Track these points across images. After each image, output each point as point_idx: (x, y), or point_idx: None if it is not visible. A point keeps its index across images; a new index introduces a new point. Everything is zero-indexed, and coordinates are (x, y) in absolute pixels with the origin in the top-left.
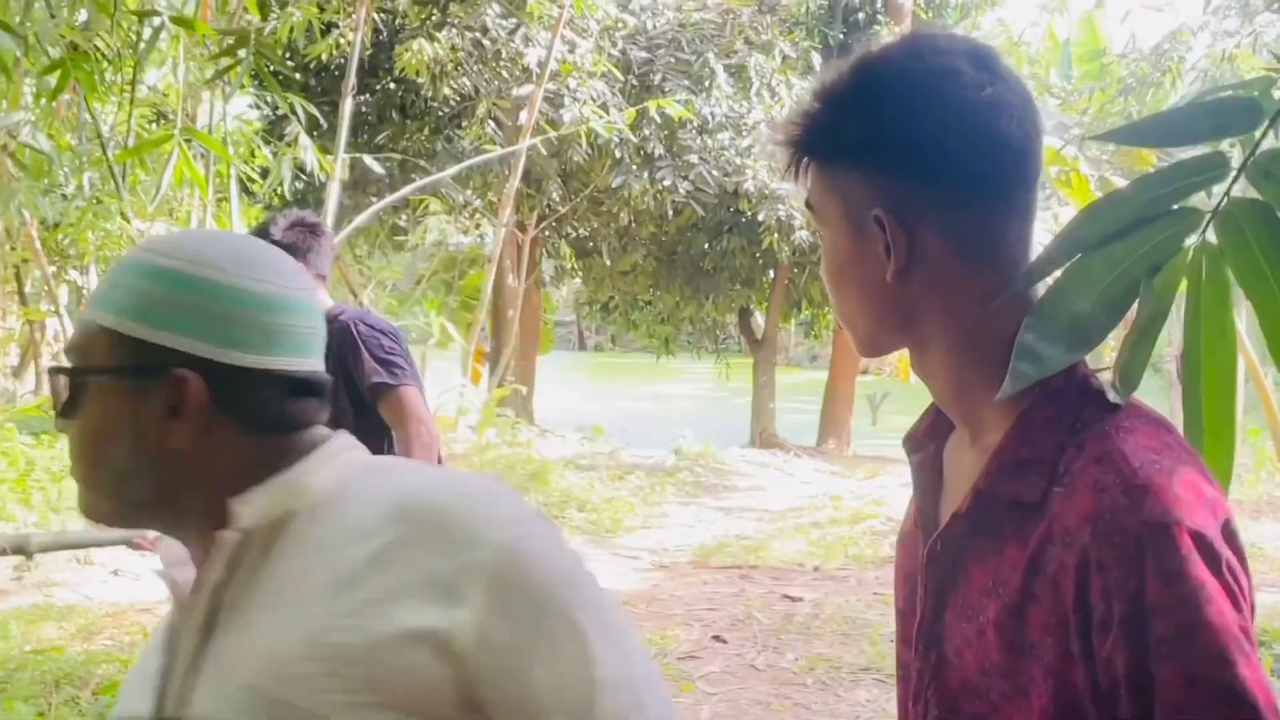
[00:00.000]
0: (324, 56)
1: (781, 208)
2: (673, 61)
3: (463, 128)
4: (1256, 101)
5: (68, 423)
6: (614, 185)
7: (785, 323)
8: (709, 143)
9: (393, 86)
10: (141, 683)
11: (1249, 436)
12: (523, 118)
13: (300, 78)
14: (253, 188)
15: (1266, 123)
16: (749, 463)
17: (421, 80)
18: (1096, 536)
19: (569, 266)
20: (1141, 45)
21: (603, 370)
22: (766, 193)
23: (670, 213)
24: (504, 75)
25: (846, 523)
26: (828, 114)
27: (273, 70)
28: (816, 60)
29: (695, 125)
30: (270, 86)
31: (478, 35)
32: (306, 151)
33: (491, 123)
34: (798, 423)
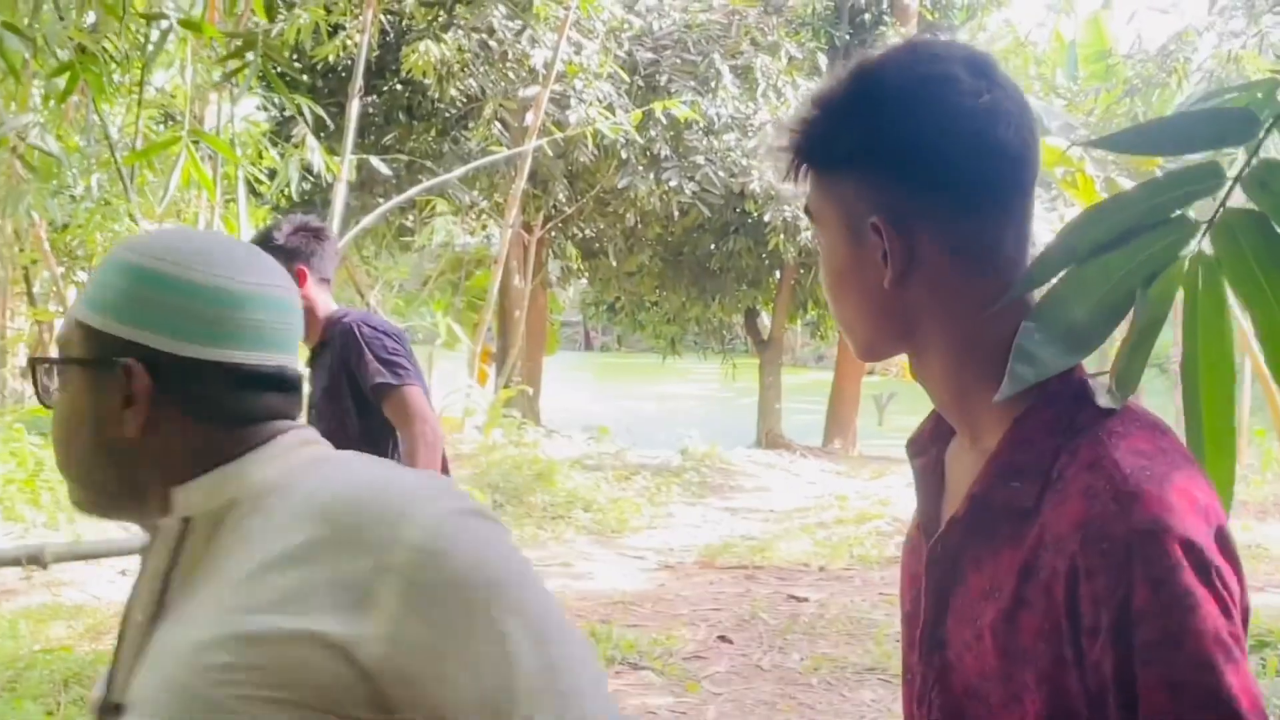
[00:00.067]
0: (331, 58)
1: (787, 208)
2: (679, 62)
3: (469, 129)
4: (1253, 112)
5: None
6: (620, 186)
7: (791, 323)
8: (715, 144)
9: (399, 88)
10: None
11: (1255, 437)
12: (529, 119)
13: (307, 79)
14: (260, 189)
15: (1262, 133)
16: (755, 463)
17: (428, 81)
18: (1085, 543)
19: (575, 267)
20: (1148, 46)
21: (608, 371)
22: (772, 194)
23: (676, 213)
24: (510, 76)
25: (852, 523)
26: (825, 121)
27: (280, 72)
28: (822, 61)
29: (701, 126)
30: (277, 88)
31: (484, 36)
32: (314, 153)
33: (498, 124)
34: (804, 423)
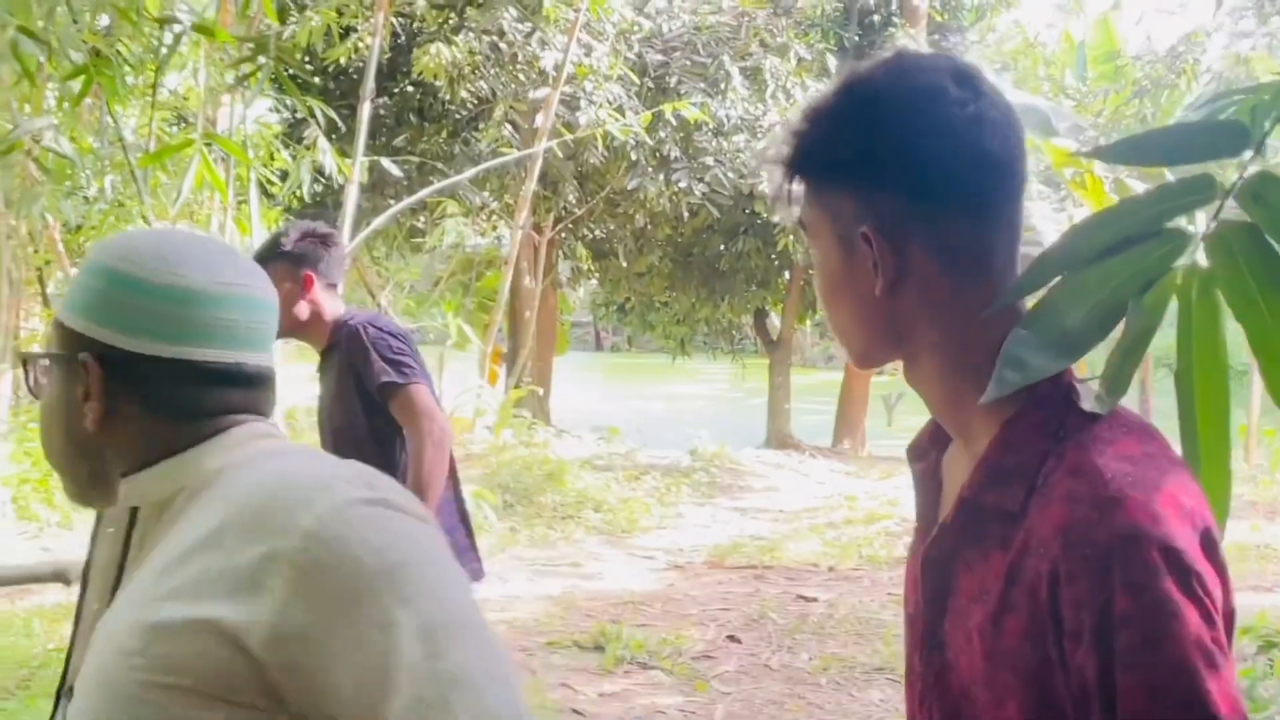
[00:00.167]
0: (342, 60)
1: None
2: (688, 64)
3: (480, 130)
4: (1245, 125)
5: None
6: (630, 187)
7: (800, 324)
8: (724, 145)
9: (410, 90)
10: None
11: (1265, 438)
12: (539, 120)
13: (319, 81)
14: (272, 190)
15: (1255, 146)
16: (764, 463)
17: (439, 84)
18: (1067, 548)
19: (585, 268)
20: (1157, 47)
21: (618, 371)
22: None
23: (686, 214)
24: (521, 78)
25: (861, 523)
26: (815, 133)
27: (292, 74)
28: (831, 62)
29: (711, 128)
30: (289, 91)
31: (495, 39)
32: (325, 154)
33: (508, 125)
34: (813, 423)
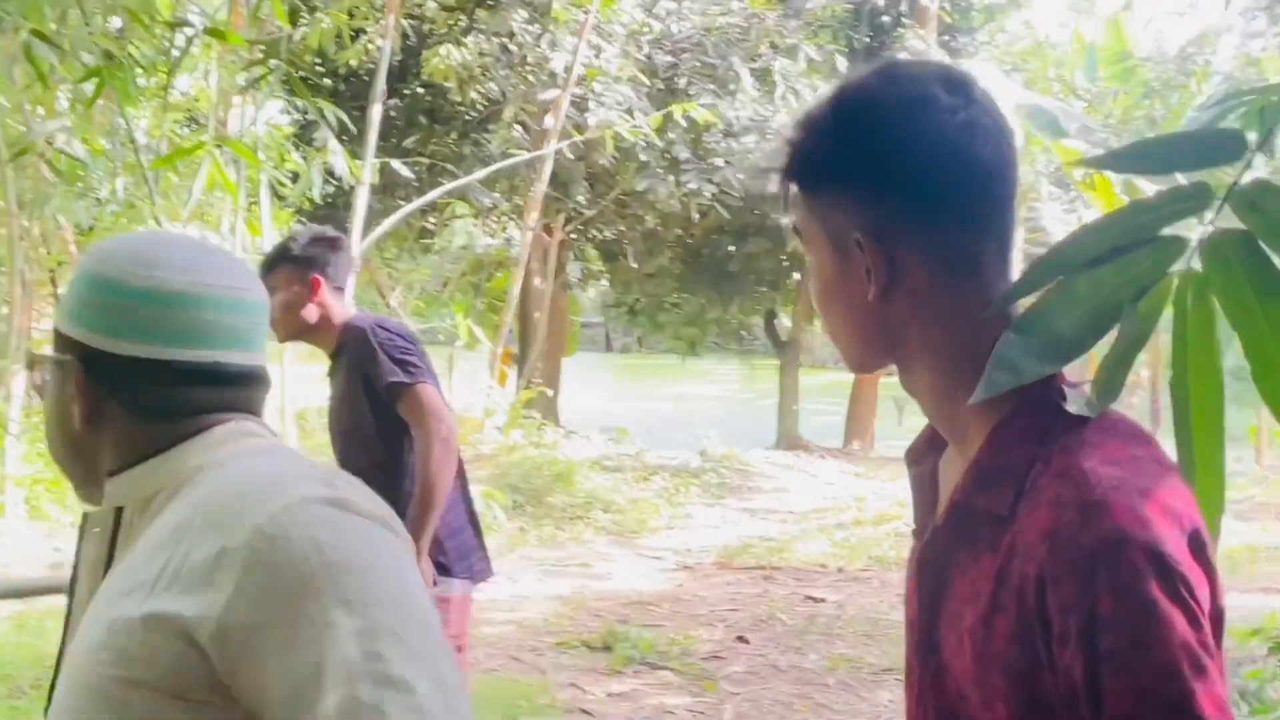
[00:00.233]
0: (353, 62)
1: None
2: (698, 65)
3: (490, 132)
4: (1240, 133)
5: None
6: (640, 189)
7: (810, 324)
8: (734, 146)
9: (421, 91)
10: None
11: (1276, 440)
12: (549, 122)
13: (330, 83)
14: (283, 192)
15: (1249, 154)
16: (773, 464)
17: (449, 85)
18: (1052, 552)
19: (595, 269)
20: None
21: (628, 372)
22: None
23: (696, 216)
24: (530, 80)
25: (870, 524)
26: (809, 142)
27: (303, 76)
28: (841, 64)
29: (720, 129)
30: (300, 93)
31: (505, 41)
32: (336, 156)
33: (518, 127)
34: (823, 424)
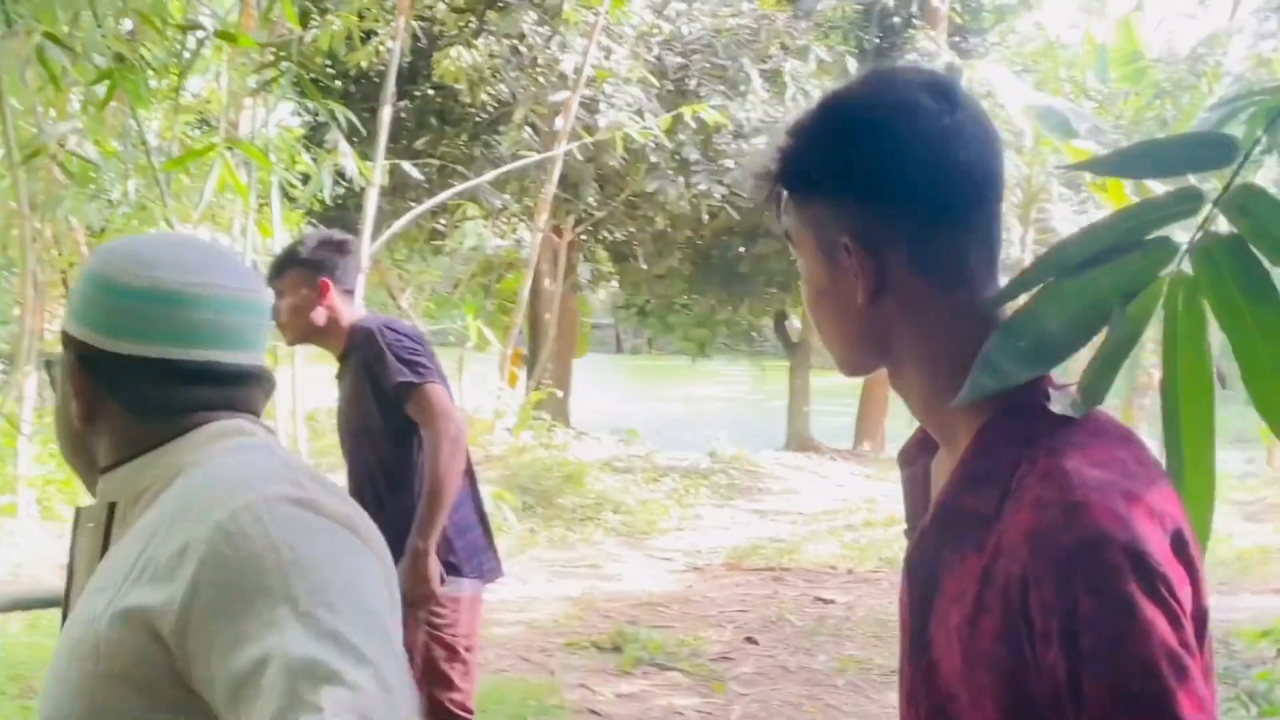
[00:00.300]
0: (364, 64)
1: None
2: (708, 67)
3: (500, 133)
4: (1231, 138)
5: None
6: (650, 190)
7: None
8: (744, 148)
9: (431, 93)
10: None
11: None
12: (559, 123)
13: (340, 85)
14: (294, 194)
15: (1241, 158)
16: (783, 465)
17: (460, 87)
18: (1034, 552)
19: (605, 270)
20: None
21: (638, 373)
22: None
23: (706, 217)
24: (541, 81)
25: (880, 526)
26: (798, 148)
27: (313, 78)
28: (852, 65)
29: (730, 130)
30: (311, 95)
31: (515, 42)
32: (346, 158)
33: (528, 128)
34: (833, 425)
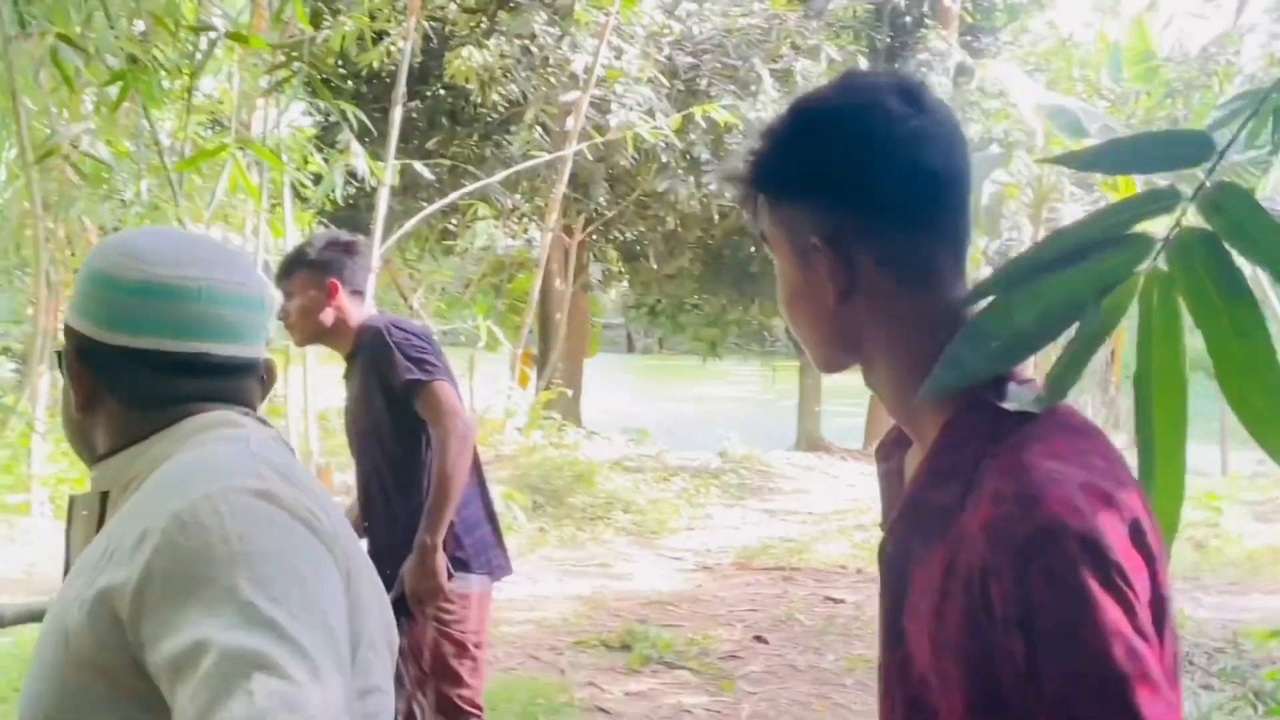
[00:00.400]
0: (375, 64)
1: None
2: (719, 67)
3: (511, 133)
4: (1206, 135)
5: None
6: (660, 190)
7: None
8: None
9: (442, 93)
10: None
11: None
12: (570, 123)
13: (351, 85)
14: (305, 193)
15: (1217, 155)
16: (794, 465)
17: (471, 87)
18: (992, 542)
19: (616, 270)
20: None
21: (649, 373)
22: None
23: (716, 217)
24: (551, 82)
25: None
26: (769, 152)
27: (325, 79)
28: (863, 64)
29: (741, 130)
30: (322, 95)
31: (526, 43)
32: (358, 158)
33: (539, 128)
34: (843, 425)
